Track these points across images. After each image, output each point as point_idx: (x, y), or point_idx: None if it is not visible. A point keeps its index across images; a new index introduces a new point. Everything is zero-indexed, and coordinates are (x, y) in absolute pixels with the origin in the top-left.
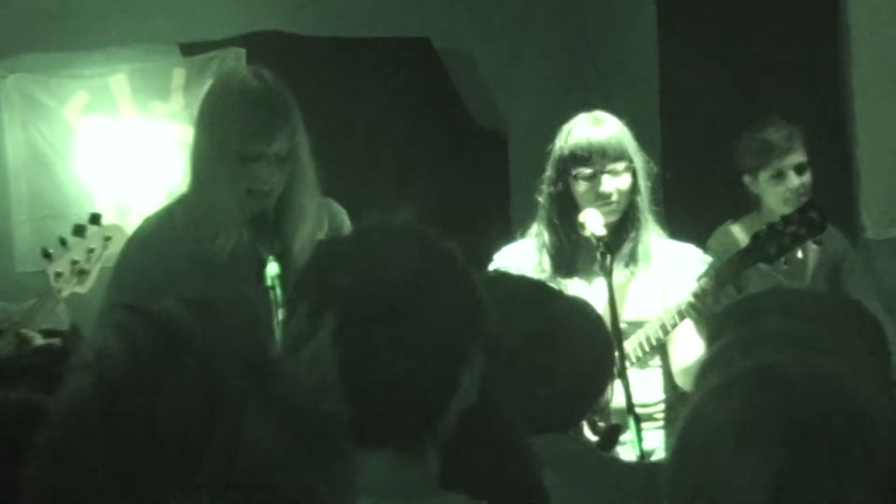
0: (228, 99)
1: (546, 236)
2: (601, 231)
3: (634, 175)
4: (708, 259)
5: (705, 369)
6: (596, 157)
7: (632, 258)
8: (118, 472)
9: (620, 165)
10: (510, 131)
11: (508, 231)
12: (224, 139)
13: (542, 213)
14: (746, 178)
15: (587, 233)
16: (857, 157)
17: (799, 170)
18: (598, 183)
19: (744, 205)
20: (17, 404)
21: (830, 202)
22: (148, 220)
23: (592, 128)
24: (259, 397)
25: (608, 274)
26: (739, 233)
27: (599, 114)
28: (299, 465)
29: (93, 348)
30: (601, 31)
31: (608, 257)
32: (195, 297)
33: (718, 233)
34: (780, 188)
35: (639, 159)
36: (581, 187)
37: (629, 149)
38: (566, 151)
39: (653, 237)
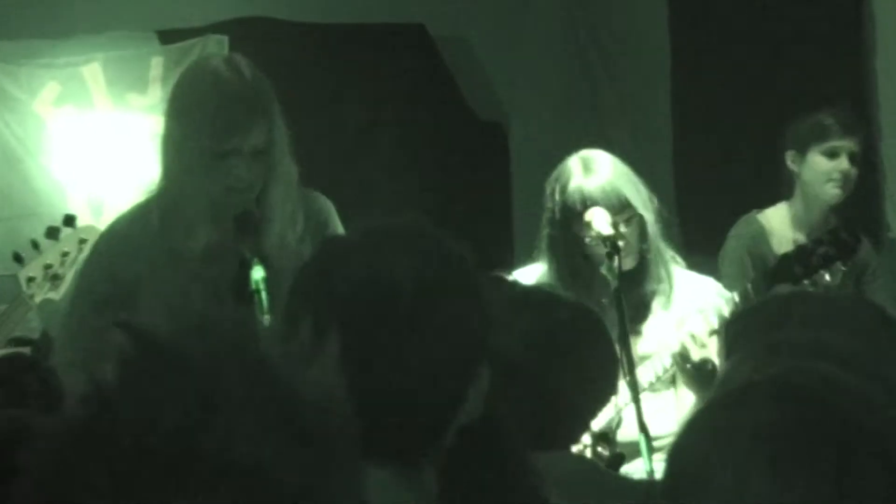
0: (200, 90)
1: (553, 275)
2: (608, 230)
3: (641, 220)
4: (727, 294)
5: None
6: None
7: (648, 300)
8: (112, 485)
9: (621, 218)
10: (510, 122)
11: (509, 228)
12: (195, 134)
13: (546, 256)
14: (790, 155)
15: (593, 233)
16: (882, 154)
17: (851, 157)
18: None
19: (760, 198)
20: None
21: (854, 200)
22: (121, 218)
23: (584, 178)
24: (258, 399)
25: (615, 276)
26: (767, 222)
27: (590, 157)
28: (301, 467)
29: (85, 372)
30: (605, 14)
31: (616, 258)
32: (190, 318)
33: (743, 221)
34: (830, 165)
35: (642, 202)
36: (585, 248)
37: (629, 195)
38: (561, 207)
39: (671, 270)
